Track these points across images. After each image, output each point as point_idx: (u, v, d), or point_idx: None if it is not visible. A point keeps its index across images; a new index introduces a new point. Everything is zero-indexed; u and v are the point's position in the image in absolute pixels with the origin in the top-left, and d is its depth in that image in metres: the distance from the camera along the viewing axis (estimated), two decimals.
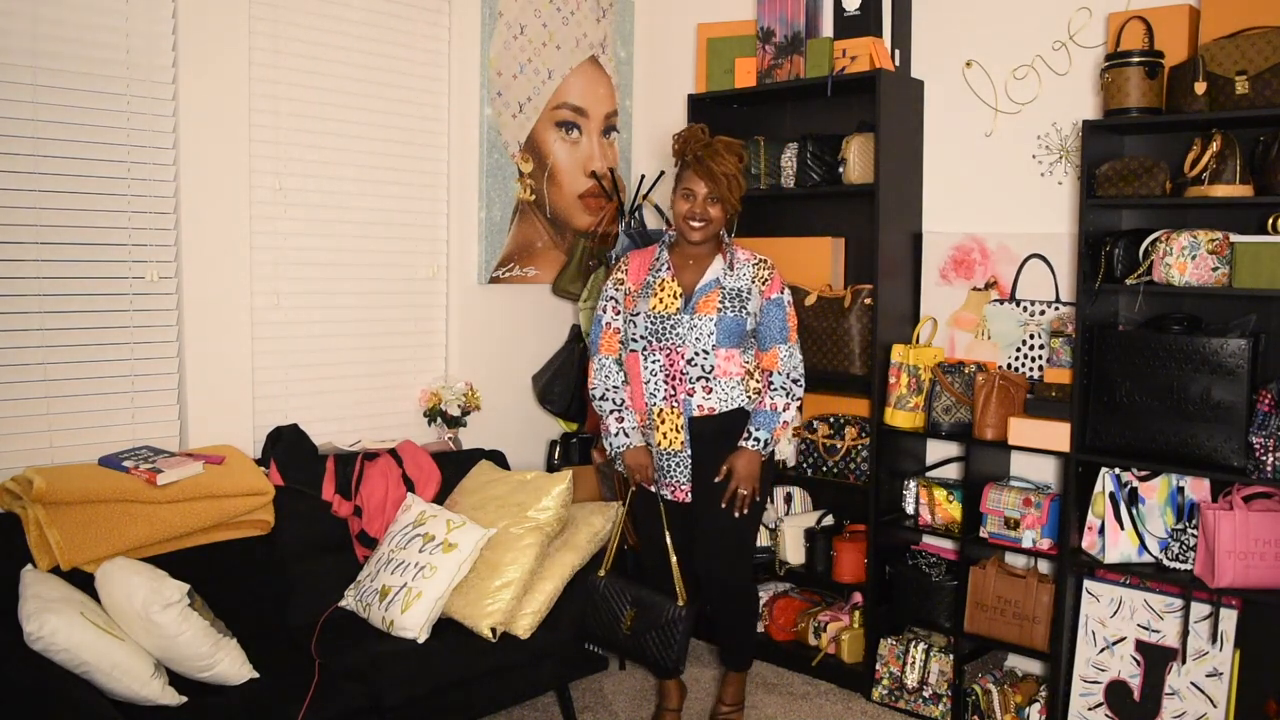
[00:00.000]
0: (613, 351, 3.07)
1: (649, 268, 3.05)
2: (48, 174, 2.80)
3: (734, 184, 2.94)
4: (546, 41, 3.96)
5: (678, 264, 3.04)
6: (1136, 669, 3.02)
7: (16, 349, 2.79)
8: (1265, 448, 2.71)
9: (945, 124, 3.55)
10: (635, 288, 3.04)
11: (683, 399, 2.95)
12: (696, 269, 3.02)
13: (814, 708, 3.44)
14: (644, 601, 2.97)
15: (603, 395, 3.05)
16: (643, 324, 2.97)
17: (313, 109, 3.33)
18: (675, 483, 3.01)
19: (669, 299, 2.97)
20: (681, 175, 2.99)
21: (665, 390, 2.96)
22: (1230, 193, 2.73)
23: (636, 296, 3.02)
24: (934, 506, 3.40)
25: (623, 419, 3.02)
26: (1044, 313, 3.36)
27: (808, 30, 3.58)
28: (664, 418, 2.97)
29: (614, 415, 3.03)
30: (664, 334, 2.95)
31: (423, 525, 3.05)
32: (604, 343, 3.08)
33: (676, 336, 2.94)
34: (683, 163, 3.00)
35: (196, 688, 2.49)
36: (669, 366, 2.95)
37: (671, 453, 2.98)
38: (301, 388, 3.38)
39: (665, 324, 2.95)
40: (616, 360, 3.07)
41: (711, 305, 2.94)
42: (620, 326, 3.08)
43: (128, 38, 2.91)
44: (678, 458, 2.98)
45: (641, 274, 3.06)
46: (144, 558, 2.64)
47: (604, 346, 3.08)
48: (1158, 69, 2.88)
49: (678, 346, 2.94)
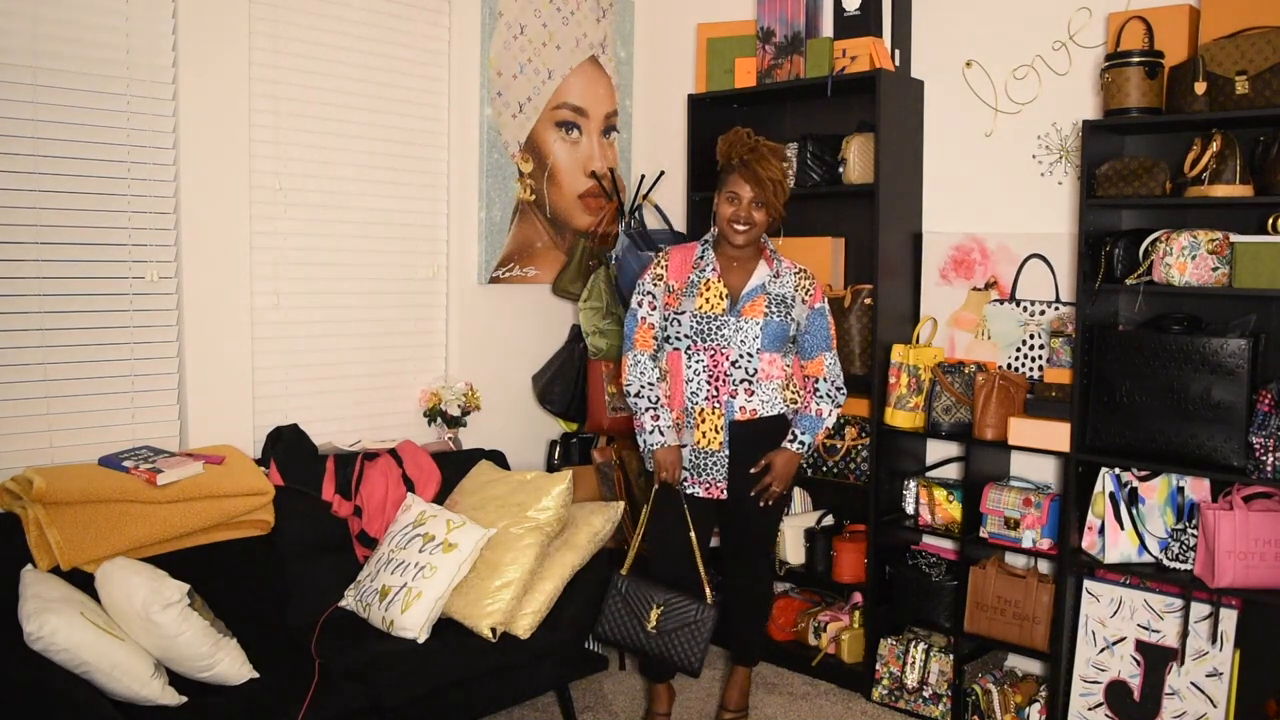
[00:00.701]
0: (648, 347, 3.04)
1: (691, 266, 3.02)
2: (48, 174, 2.80)
3: (779, 189, 2.95)
4: (546, 41, 3.96)
5: (723, 265, 3.02)
6: (1136, 669, 3.02)
7: (16, 349, 2.79)
8: (1265, 448, 2.71)
9: (945, 124, 3.55)
10: (679, 285, 3.00)
11: (725, 400, 2.95)
12: (742, 271, 3.02)
13: (814, 708, 3.44)
14: (672, 600, 2.94)
15: (638, 392, 3.01)
16: (688, 323, 2.95)
17: (313, 109, 3.33)
18: (710, 480, 2.99)
19: (715, 299, 2.95)
20: (726, 178, 2.96)
21: (708, 390, 2.95)
22: (1230, 193, 2.73)
23: (680, 295, 2.99)
24: (934, 506, 3.40)
25: (658, 417, 2.98)
26: (1044, 313, 3.36)
27: (808, 30, 3.58)
28: (704, 417, 2.96)
29: (649, 413, 2.98)
30: (709, 334, 2.94)
31: (423, 525, 3.05)
32: (639, 337, 3.04)
33: (722, 338, 2.94)
34: (728, 165, 2.96)
35: (196, 688, 2.49)
36: (713, 367, 2.95)
37: (709, 452, 2.98)
38: (301, 388, 3.38)
39: (711, 324, 2.94)
40: (651, 356, 3.04)
41: (759, 309, 2.95)
42: (655, 322, 3.04)
43: (128, 38, 2.91)
44: (715, 457, 2.98)
45: (684, 271, 3.02)
46: (144, 558, 2.64)
47: (639, 342, 3.04)
48: (1158, 69, 2.88)
49: (723, 348, 2.94)
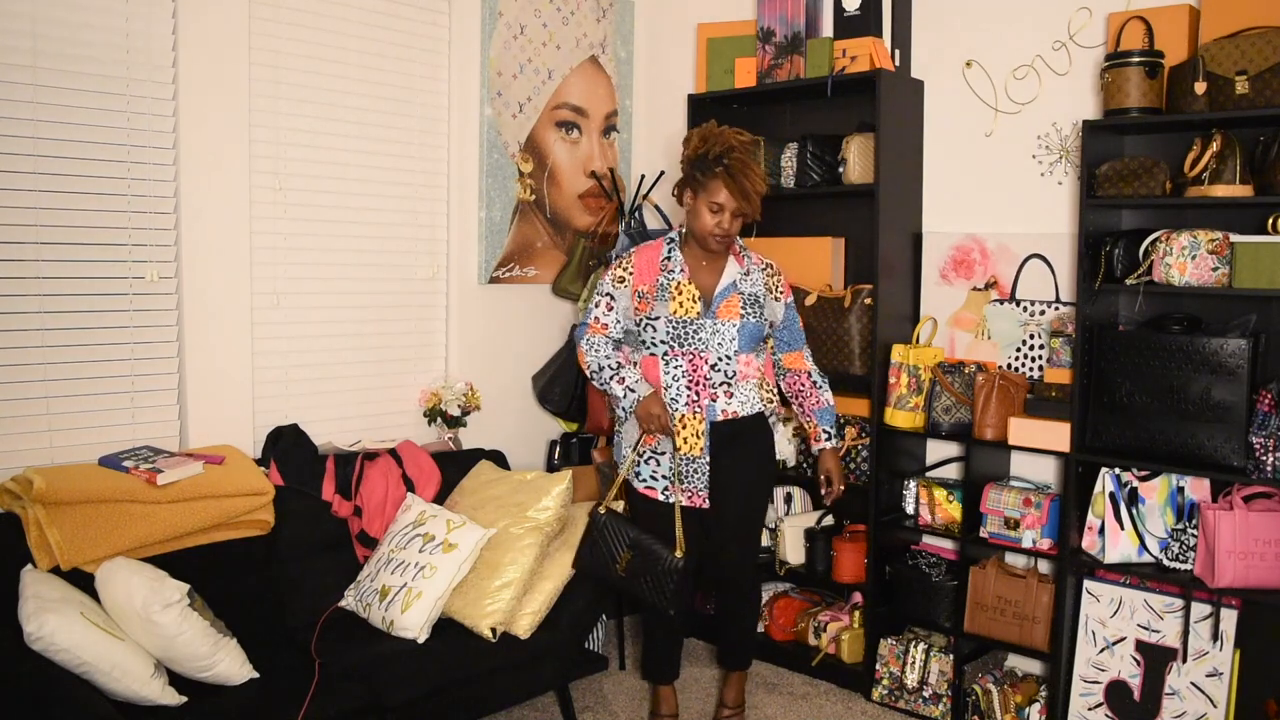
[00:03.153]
0: (601, 333, 2.99)
1: (659, 268, 2.96)
2: (48, 174, 2.80)
3: (760, 200, 2.87)
4: (546, 41, 3.96)
5: (691, 265, 2.97)
6: (1136, 669, 3.02)
7: (16, 349, 2.78)
8: (1265, 448, 2.71)
9: (945, 124, 3.55)
10: (648, 289, 2.94)
11: (705, 403, 2.93)
12: (711, 270, 2.97)
13: (814, 708, 3.44)
14: (642, 545, 2.92)
15: (599, 367, 2.96)
16: (664, 328, 2.90)
17: (313, 109, 3.33)
18: (693, 489, 2.97)
19: (688, 302, 2.91)
20: (707, 183, 2.84)
21: (688, 395, 2.92)
22: (1230, 193, 2.73)
23: (651, 299, 2.93)
24: (934, 506, 3.40)
25: (624, 379, 2.93)
26: (1044, 313, 3.36)
27: (808, 30, 3.58)
28: (685, 423, 2.93)
29: (615, 379, 2.94)
30: (686, 338, 2.90)
31: (423, 525, 3.05)
32: (591, 328, 3.01)
33: (700, 341, 2.90)
34: (706, 166, 2.83)
35: (196, 688, 2.49)
36: (692, 371, 2.92)
37: (691, 459, 2.95)
38: (301, 388, 3.38)
39: (688, 328, 2.90)
40: (605, 339, 2.99)
41: (734, 310, 2.92)
42: (609, 323, 2.99)
43: (128, 38, 2.91)
44: (697, 464, 2.95)
45: (652, 274, 2.95)
46: (144, 558, 2.64)
47: (591, 330, 3.01)
48: (1158, 69, 2.88)
49: (701, 351, 2.91)
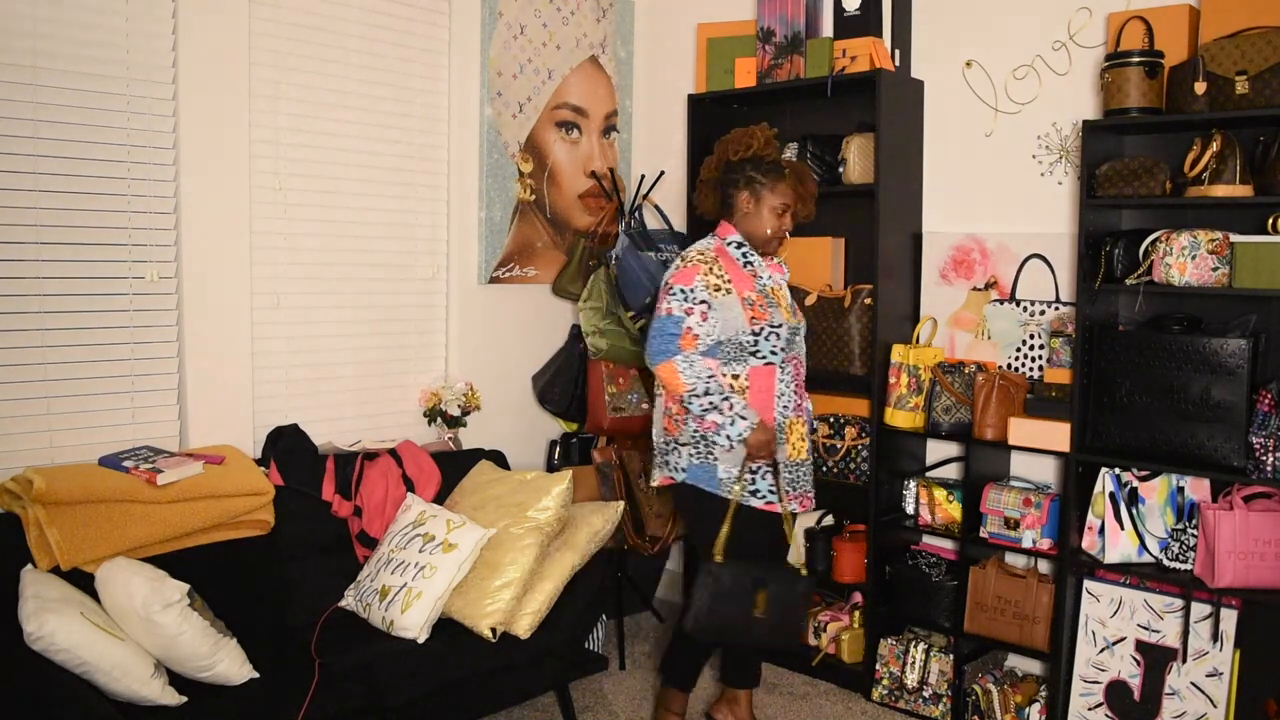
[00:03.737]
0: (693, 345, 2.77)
1: (752, 274, 2.88)
2: (48, 174, 2.80)
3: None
4: (546, 41, 3.96)
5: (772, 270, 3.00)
6: (1136, 669, 3.02)
7: (16, 349, 2.79)
8: (1265, 448, 2.71)
9: (945, 124, 3.55)
10: (756, 296, 2.83)
11: (806, 407, 2.98)
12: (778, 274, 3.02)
13: (814, 708, 3.44)
14: (774, 578, 2.75)
15: (704, 390, 2.72)
16: (786, 335, 2.87)
17: (313, 109, 3.33)
18: (803, 492, 2.94)
19: (788, 308, 2.94)
20: (775, 185, 2.88)
21: (794, 401, 2.93)
22: (1230, 193, 2.72)
23: (765, 306, 2.83)
24: (934, 506, 3.40)
25: (733, 404, 2.73)
26: (1044, 313, 3.36)
27: (808, 30, 3.58)
28: (792, 428, 2.91)
29: (726, 403, 2.72)
30: (793, 343, 2.93)
31: (423, 525, 3.05)
32: (684, 343, 2.76)
33: (796, 345, 2.95)
34: (774, 171, 2.89)
35: (196, 688, 2.49)
36: (796, 376, 2.95)
37: (798, 462, 2.92)
38: (301, 388, 3.38)
39: (795, 334, 2.94)
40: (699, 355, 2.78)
41: (798, 311, 3.00)
42: (702, 334, 2.77)
43: (128, 38, 2.91)
44: (803, 466, 2.94)
45: (747, 281, 2.85)
46: (144, 558, 2.65)
47: (685, 346, 2.76)
48: (1158, 69, 2.88)
49: (801, 356, 2.97)
